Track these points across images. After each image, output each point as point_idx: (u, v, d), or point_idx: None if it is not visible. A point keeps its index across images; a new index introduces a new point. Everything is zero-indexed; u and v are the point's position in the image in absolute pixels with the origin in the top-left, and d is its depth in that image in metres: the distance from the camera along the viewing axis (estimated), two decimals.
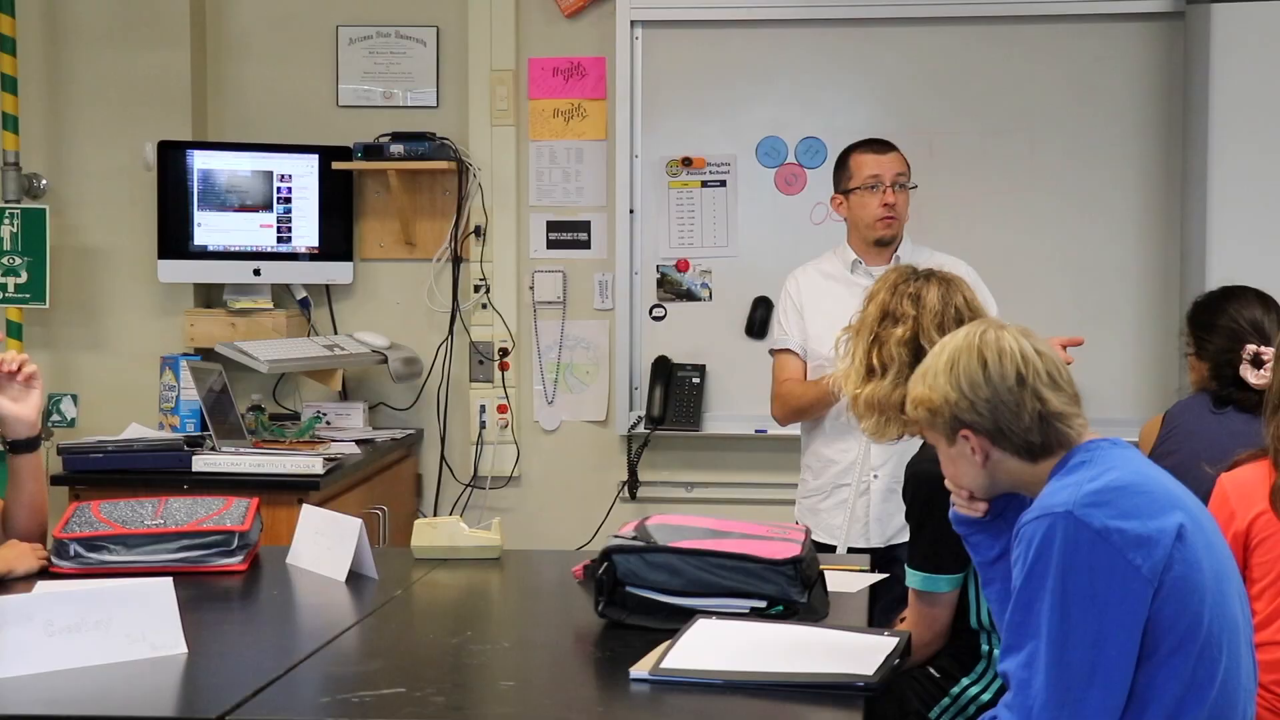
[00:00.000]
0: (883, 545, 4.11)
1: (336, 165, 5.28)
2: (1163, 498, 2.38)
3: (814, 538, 4.01)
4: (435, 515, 5.27)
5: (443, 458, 5.46)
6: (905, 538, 4.07)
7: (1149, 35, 5.08)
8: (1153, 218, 5.11)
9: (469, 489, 5.45)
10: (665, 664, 2.51)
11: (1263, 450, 3.10)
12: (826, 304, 4.19)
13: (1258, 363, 3.55)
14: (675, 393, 5.25)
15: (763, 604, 2.85)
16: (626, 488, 5.38)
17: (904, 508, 3.07)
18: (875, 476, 4.15)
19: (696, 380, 5.25)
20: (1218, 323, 3.70)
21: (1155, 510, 2.34)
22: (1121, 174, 5.12)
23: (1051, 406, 2.45)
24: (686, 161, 5.27)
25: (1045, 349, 2.50)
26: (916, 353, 3.03)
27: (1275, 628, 3.01)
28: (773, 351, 4.40)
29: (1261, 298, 3.71)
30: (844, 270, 4.31)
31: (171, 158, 5.19)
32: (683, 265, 5.29)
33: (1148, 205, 5.11)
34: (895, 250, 4.28)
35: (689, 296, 5.30)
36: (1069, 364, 2.59)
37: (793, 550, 2.90)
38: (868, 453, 4.10)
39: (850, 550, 4.08)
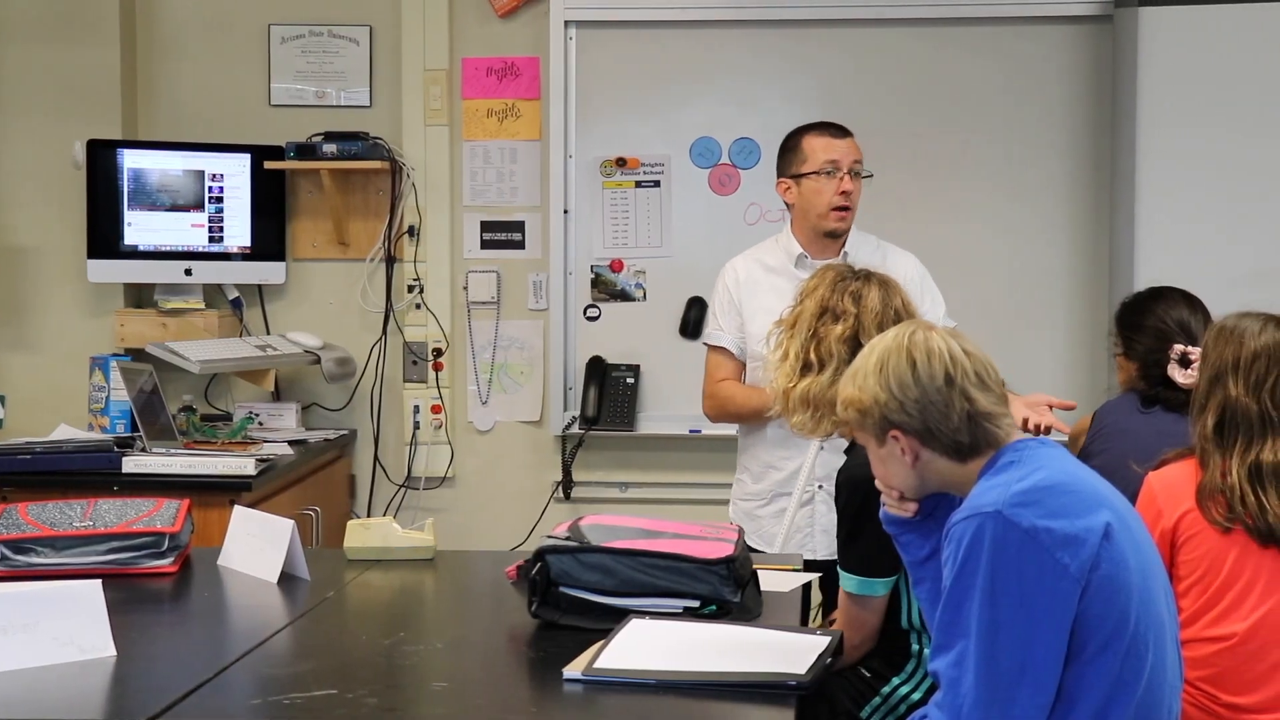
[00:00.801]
0: (829, 558, 3.79)
1: (269, 165, 5.25)
2: (1090, 497, 2.40)
3: (750, 544, 4.00)
4: (369, 516, 5.25)
5: (376, 458, 5.44)
6: None
7: (1078, 38, 5.13)
8: (1083, 219, 5.16)
9: (403, 490, 5.43)
10: (598, 664, 2.52)
11: (1189, 449, 3.13)
12: (769, 300, 3.89)
13: (1185, 362, 3.58)
14: (609, 393, 5.25)
15: (696, 604, 2.86)
16: (561, 488, 5.38)
17: None
18: (820, 487, 3.96)
19: (631, 380, 5.25)
20: (1145, 323, 3.73)
21: (1082, 509, 2.37)
22: (1052, 175, 5.17)
23: (980, 406, 2.47)
24: (621, 162, 5.28)
25: (973, 349, 2.52)
26: (855, 351, 3.02)
27: (1201, 624, 3.04)
28: (706, 346, 4.23)
29: (1188, 298, 3.74)
30: (787, 263, 4.08)
31: (101, 157, 5.14)
32: (617, 265, 5.30)
33: (1078, 206, 5.16)
34: (844, 244, 4.10)
35: (623, 297, 5.31)
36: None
37: (726, 550, 2.91)
38: (813, 464, 3.91)
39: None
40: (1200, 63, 4.77)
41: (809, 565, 3.66)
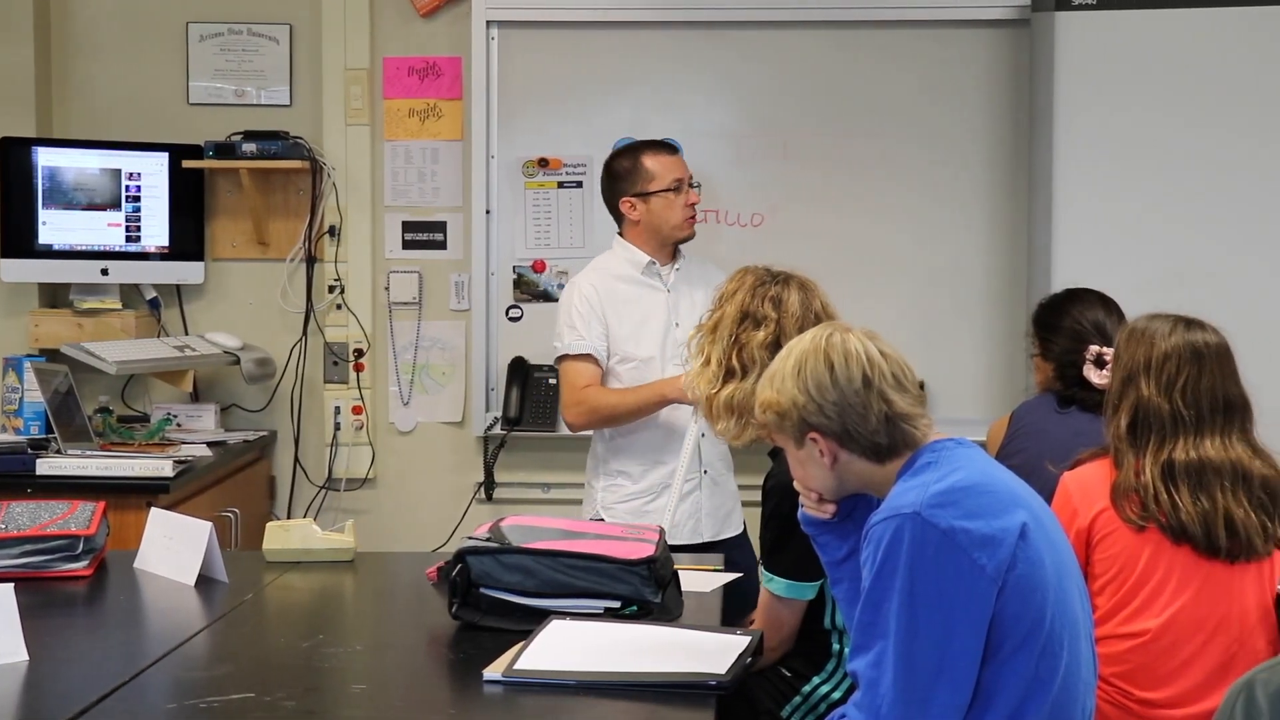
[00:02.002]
0: (714, 539, 4.21)
1: (187, 164, 5.20)
2: (1006, 497, 2.42)
3: None
4: (289, 518, 5.22)
5: (297, 460, 5.40)
6: (733, 531, 4.19)
7: (996, 42, 5.17)
8: (1001, 221, 5.20)
9: (323, 491, 5.40)
10: (519, 665, 2.52)
11: (1104, 449, 3.17)
12: (628, 307, 4.26)
13: (1100, 363, 3.63)
14: (532, 394, 5.24)
15: (617, 604, 2.87)
16: (483, 489, 5.36)
17: (732, 499, 3.03)
18: (705, 472, 4.24)
19: (553, 381, 5.24)
20: (1062, 324, 3.77)
21: (999, 510, 2.39)
22: (971, 177, 5.21)
23: (897, 408, 2.49)
24: (543, 162, 5.27)
25: (890, 351, 2.54)
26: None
27: (1116, 621, 3.08)
28: (565, 358, 4.30)
29: (1104, 300, 3.79)
30: (635, 271, 4.30)
31: (15, 154, 5.07)
32: (539, 266, 5.29)
33: (996, 208, 5.20)
34: (676, 247, 4.36)
35: (545, 297, 5.30)
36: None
37: (646, 550, 2.92)
38: (698, 450, 4.15)
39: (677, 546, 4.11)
40: (1115, 67, 4.83)
41: (702, 547, 4.06)
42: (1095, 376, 3.64)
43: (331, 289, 5.36)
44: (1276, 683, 1.55)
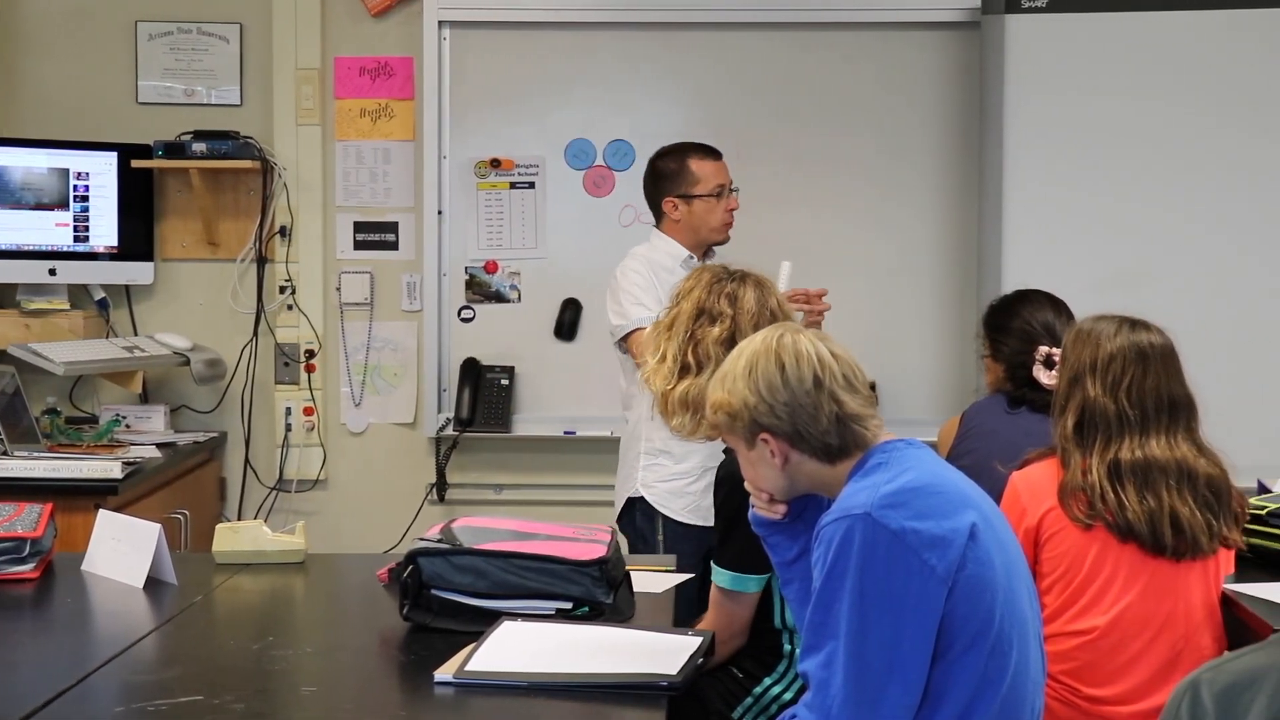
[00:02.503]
0: None
1: (136, 163, 5.17)
2: (956, 498, 2.43)
3: (679, 518, 4.14)
4: (239, 519, 5.19)
5: (247, 461, 5.38)
6: None
7: (947, 44, 5.19)
8: (952, 222, 5.22)
9: (274, 492, 5.38)
10: (470, 666, 2.51)
11: (1051, 449, 3.20)
12: (667, 294, 4.21)
13: (1049, 364, 3.65)
14: (484, 395, 5.23)
15: (568, 605, 2.86)
16: (435, 490, 5.35)
17: None
18: None
19: (505, 382, 5.24)
20: (1012, 325, 3.79)
21: (949, 510, 2.40)
22: (923, 179, 5.23)
23: (848, 409, 2.49)
24: (495, 163, 5.27)
25: (841, 352, 2.54)
26: None
27: (1064, 619, 3.10)
28: (635, 333, 4.21)
29: (1053, 301, 3.81)
30: (674, 264, 4.33)
31: None
32: (491, 267, 5.28)
33: (947, 210, 5.23)
34: (711, 248, 4.43)
35: (498, 298, 5.29)
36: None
37: (598, 551, 2.92)
38: None
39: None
40: (1065, 69, 4.87)
41: None
42: (1045, 377, 3.66)
43: (282, 289, 5.34)
44: (1221, 682, 1.55)
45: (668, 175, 4.41)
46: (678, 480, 4.24)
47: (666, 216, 4.41)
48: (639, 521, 4.25)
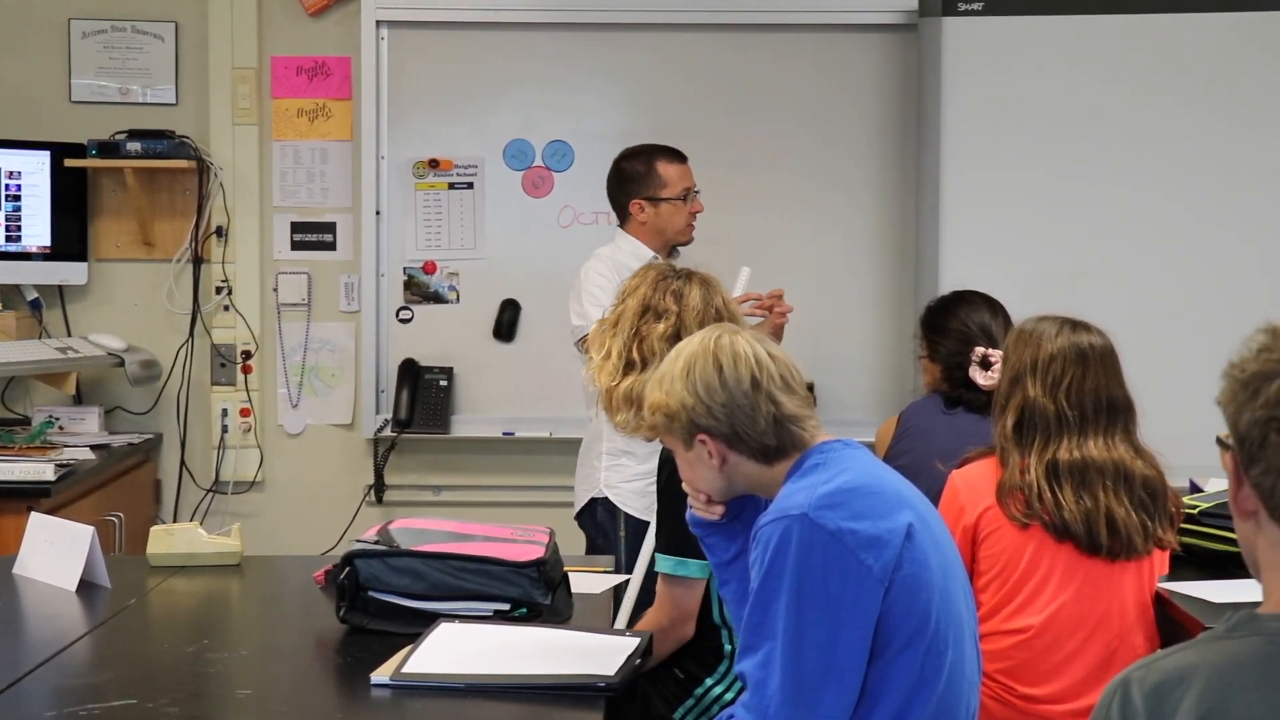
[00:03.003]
0: None
1: (70, 163, 5.12)
2: (892, 498, 2.44)
3: (643, 516, 4.09)
4: (175, 522, 5.15)
5: (183, 463, 5.34)
6: None
7: (885, 46, 5.21)
8: (891, 223, 5.25)
9: (210, 494, 5.34)
10: (406, 669, 2.50)
11: (991, 448, 3.21)
12: None
13: (985, 364, 3.67)
14: (423, 396, 5.22)
15: (506, 606, 2.86)
16: (373, 491, 5.33)
17: None
18: None
19: (444, 383, 5.23)
20: (949, 326, 3.81)
21: (886, 511, 2.40)
22: (860, 180, 5.25)
23: (786, 410, 2.49)
24: (433, 163, 5.25)
25: (778, 353, 2.54)
26: None
27: (1000, 618, 3.12)
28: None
29: (989, 302, 3.83)
30: (638, 264, 4.24)
31: None
32: (430, 267, 5.27)
33: (885, 211, 5.25)
34: (675, 248, 4.47)
35: (436, 299, 5.28)
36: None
37: (536, 553, 2.91)
38: None
39: None
40: (1001, 72, 4.90)
41: None
42: (981, 378, 3.68)
43: (219, 290, 5.30)
44: (1151, 680, 1.56)
45: (634, 177, 4.45)
46: (640, 480, 4.25)
47: (633, 218, 4.44)
48: (600, 517, 4.28)
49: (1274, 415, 1.52)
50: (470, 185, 5.26)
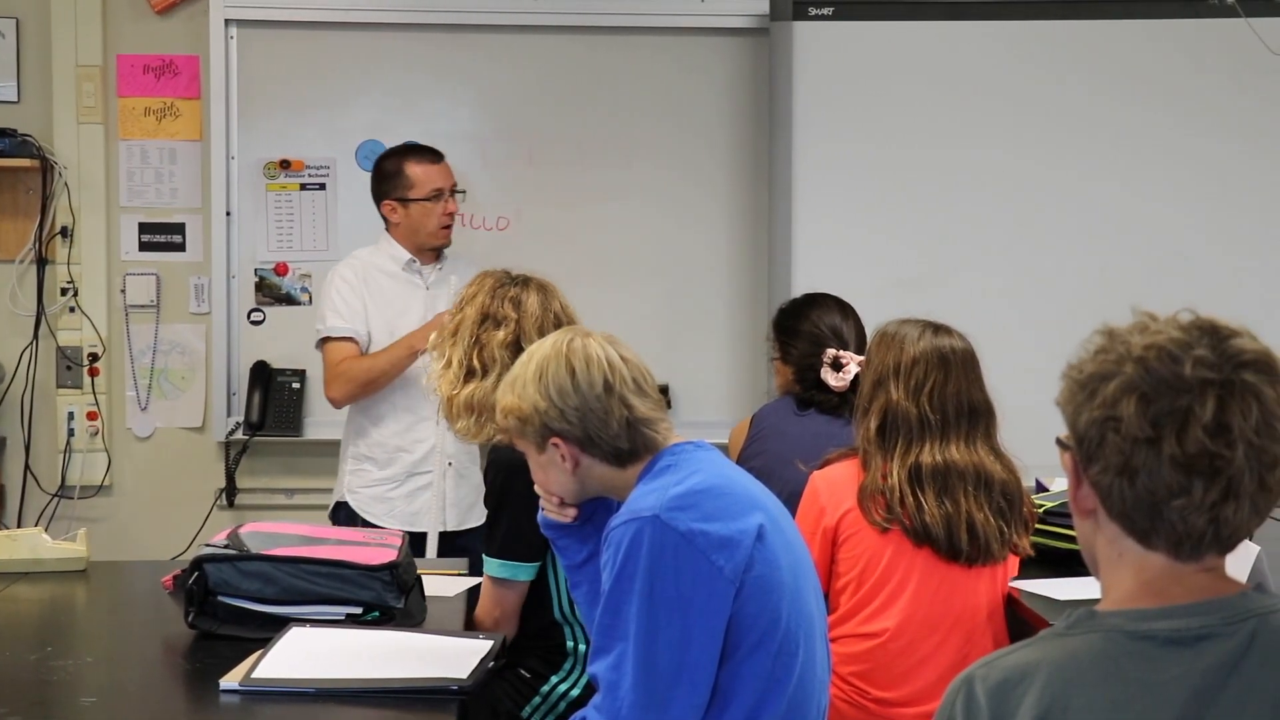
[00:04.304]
0: (457, 528, 4.37)
1: None
2: (744, 499, 2.46)
3: (381, 524, 4.22)
4: (19, 527, 5.04)
5: (27, 467, 5.23)
6: (476, 521, 4.25)
7: (738, 50, 5.25)
8: (743, 225, 5.28)
9: (56, 499, 5.23)
10: (256, 674, 2.48)
11: (853, 449, 3.24)
12: (386, 298, 4.42)
13: (837, 366, 3.70)
14: (275, 398, 5.16)
15: (359, 610, 2.84)
16: (224, 495, 5.26)
17: (476, 491, 3.09)
18: (450, 464, 4.34)
19: (297, 385, 5.17)
20: (800, 329, 3.83)
21: (737, 512, 2.42)
22: (714, 181, 5.28)
23: (638, 413, 2.51)
24: (285, 164, 5.19)
25: (631, 356, 2.56)
26: (518, 355, 3.06)
27: (856, 621, 3.15)
28: (327, 340, 4.41)
29: (841, 304, 3.86)
30: (396, 267, 4.45)
31: None
32: (282, 269, 5.21)
33: (739, 213, 5.29)
34: (441, 251, 4.51)
35: (288, 300, 5.22)
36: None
37: (389, 556, 2.90)
38: (444, 440, 4.21)
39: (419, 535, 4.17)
40: (852, 77, 4.97)
41: (442, 536, 4.27)
42: (832, 379, 3.70)
43: (64, 291, 5.20)
44: (994, 678, 1.59)
45: (386, 177, 4.49)
46: (380, 486, 4.42)
47: (387, 219, 4.49)
48: (342, 522, 4.36)
49: (1111, 415, 1.56)
50: (322, 186, 5.22)
